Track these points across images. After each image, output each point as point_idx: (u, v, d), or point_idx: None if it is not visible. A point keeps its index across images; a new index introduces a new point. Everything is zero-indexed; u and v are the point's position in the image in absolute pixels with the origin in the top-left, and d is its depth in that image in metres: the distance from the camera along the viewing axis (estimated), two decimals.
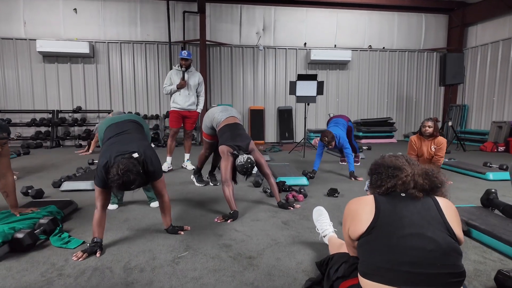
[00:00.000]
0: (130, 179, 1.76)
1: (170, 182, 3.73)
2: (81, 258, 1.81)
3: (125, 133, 2.16)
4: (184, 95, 4.48)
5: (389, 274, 1.00)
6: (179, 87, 4.42)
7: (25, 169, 4.69)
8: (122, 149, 1.94)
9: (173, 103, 4.54)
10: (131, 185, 1.80)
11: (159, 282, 1.58)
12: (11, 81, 7.69)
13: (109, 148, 2.00)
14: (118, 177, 1.74)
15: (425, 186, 1.13)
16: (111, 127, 2.26)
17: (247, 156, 2.61)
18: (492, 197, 2.53)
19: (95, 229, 1.93)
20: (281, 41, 8.69)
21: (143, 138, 2.22)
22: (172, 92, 4.49)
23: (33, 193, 3.05)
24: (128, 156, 1.87)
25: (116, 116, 2.46)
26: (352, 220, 1.16)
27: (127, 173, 1.75)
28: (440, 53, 8.69)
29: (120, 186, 1.77)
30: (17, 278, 1.62)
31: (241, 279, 1.61)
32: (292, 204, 2.79)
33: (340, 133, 4.12)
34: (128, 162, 1.81)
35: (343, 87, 9.03)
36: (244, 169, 2.57)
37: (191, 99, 4.53)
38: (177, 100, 4.50)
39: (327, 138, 3.95)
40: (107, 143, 2.08)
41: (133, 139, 2.10)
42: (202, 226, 2.35)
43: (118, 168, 1.76)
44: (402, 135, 9.30)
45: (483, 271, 1.69)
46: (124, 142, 2.04)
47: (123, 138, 2.09)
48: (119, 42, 8.01)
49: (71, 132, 7.95)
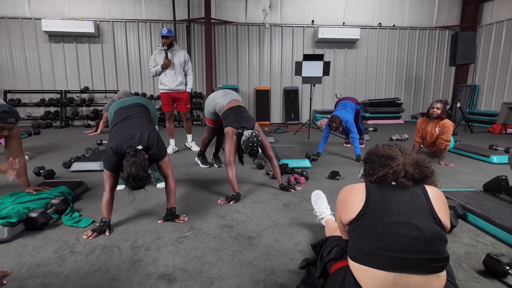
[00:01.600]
0: (143, 181, 1.91)
1: (175, 164, 3.83)
2: (91, 237, 1.93)
3: (131, 118, 2.26)
4: (170, 75, 4.29)
5: (375, 258, 1.06)
6: (163, 67, 4.22)
7: (36, 149, 4.83)
8: (129, 135, 2.06)
9: (160, 84, 4.37)
10: (143, 186, 1.94)
11: (164, 260, 1.68)
12: (19, 61, 7.75)
13: (116, 133, 2.11)
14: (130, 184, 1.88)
15: (415, 175, 1.16)
16: (119, 111, 2.37)
17: (251, 131, 2.64)
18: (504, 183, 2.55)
19: (103, 210, 2.05)
20: (288, 19, 8.48)
21: (148, 123, 2.29)
22: (157, 73, 4.30)
23: (44, 173, 3.18)
24: (132, 153, 1.95)
25: (124, 99, 2.54)
26: (344, 207, 1.21)
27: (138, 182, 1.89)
28: (452, 31, 8.40)
29: (134, 188, 1.92)
30: (33, 254, 1.74)
31: (240, 258, 1.71)
32: (293, 187, 2.86)
33: (347, 116, 4.11)
34: (137, 163, 1.89)
35: (351, 67, 8.86)
36: (250, 143, 2.58)
37: (179, 79, 4.33)
38: (164, 81, 4.32)
39: (335, 123, 3.94)
40: (114, 129, 2.20)
41: (138, 124, 2.20)
42: (206, 207, 2.44)
43: (130, 172, 1.86)
44: (409, 116, 9.19)
45: (474, 254, 1.75)
46: (130, 127, 2.15)
47: (129, 124, 2.20)
48: (123, 21, 7.93)
49: (79, 112, 8.08)
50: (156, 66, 4.29)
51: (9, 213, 1.93)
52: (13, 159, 2.35)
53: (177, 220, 2.18)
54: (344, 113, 4.14)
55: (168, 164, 2.24)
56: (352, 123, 4.11)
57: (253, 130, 2.72)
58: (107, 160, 2.05)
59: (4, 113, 2.16)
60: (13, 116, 2.22)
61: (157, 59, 4.29)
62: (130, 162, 1.90)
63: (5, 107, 2.19)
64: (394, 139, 5.67)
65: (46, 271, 1.58)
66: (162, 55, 4.28)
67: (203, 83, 8.37)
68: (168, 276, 1.54)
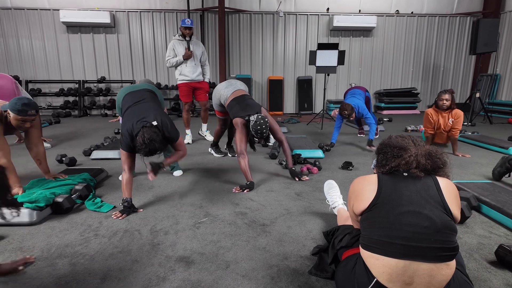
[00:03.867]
0: (155, 147, 2.06)
1: (191, 153, 3.92)
2: (120, 217, 2.09)
3: (141, 102, 2.38)
4: (191, 66, 4.31)
5: (385, 246, 1.10)
6: (185, 58, 4.24)
7: (57, 137, 5.02)
8: (142, 116, 2.19)
9: (180, 75, 4.36)
10: (156, 152, 2.09)
11: (182, 244, 1.77)
12: (39, 51, 7.96)
13: (130, 116, 2.25)
14: (145, 146, 2.03)
15: (427, 166, 1.18)
16: (129, 95, 2.47)
17: (257, 114, 2.67)
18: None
19: (124, 189, 2.19)
20: (302, 7, 8.34)
21: (158, 107, 2.43)
22: (177, 64, 4.30)
23: (67, 160, 3.32)
24: (149, 125, 2.12)
25: (132, 85, 2.64)
26: (356, 197, 1.25)
27: (152, 142, 2.03)
28: (474, 18, 8.08)
29: (146, 153, 2.07)
30: (60, 236, 1.86)
31: (254, 243, 1.77)
32: (300, 177, 2.87)
33: (358, 102, 4.07)
34: (151, 131, 2.06)
35: (367, 56, 8.68)
36: (258, 126, 2.61)
37: (198, 69, 4.39)
38: (184, 72, 4.33)
39: (346, 111, 3.92)
40: (127, 112, 2.33)
41: (150, 107, 2.33)
42: (220, 195, 2.52)
43: (143, 137, 2.02)
44: (426, 106, 8.98)
45: (487, 245, 1.76)
46: (142, 110, 2.28)
47: (141, 107, 2.33)
48: (138, 11, 7.99)
49: (97, 101, 8.28)
50: (175, 56, 4.28)
51: (38, 198, 2.06)
52: (33, 148, 2.48)
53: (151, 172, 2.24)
54: (354, 100, 4.10)
55: (182, 144, 2.39)
56: (364, 107, 4.07)
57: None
58: (124, 141, 2.19)
59: (24, 105, 2.23)
60: (33, 108, 2.30)
61: (177, 49, 4.27)
62: (144, 130, 2.06)
63: (25, 100, 2.27)
64: (409, 129, 5.59)
65: (73, 251, 1.70)
66: (181, 46, 4.27)
67: (217, 73, 8.40)
68: (186, 259, 1.62)
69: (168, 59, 4.31)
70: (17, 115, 2.24)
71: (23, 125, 2.31)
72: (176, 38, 4.31)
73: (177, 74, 4.40)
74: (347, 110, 3.92)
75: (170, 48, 4.30)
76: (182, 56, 4.23)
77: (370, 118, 4.05)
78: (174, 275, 1.49)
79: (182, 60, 4.26)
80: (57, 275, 1.49)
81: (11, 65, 7.93)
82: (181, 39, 4.29)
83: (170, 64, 4.31)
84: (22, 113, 2.24)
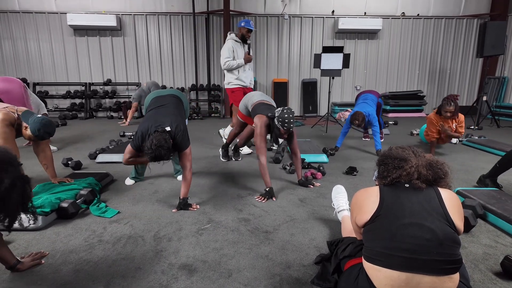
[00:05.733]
0: (161, 154, 2.10)
1: (196, 157, 3.92)
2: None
3: (164, 107, 2.46)
4: (247, 71, 4.10)
5: (388, 258, 1.10)
6: (247, 62, 4.03)
7: (64, 140, 5.08)
8: (159, 120, 2.27)
9: (237, 80, 4.05)
10: (161, 158, 2.13)
11: (185, 251, 1.77)
12: (46, 54, 8.06)
13: (149, 118, 2.35)
14: (151, 151, 2.07)
15: (429, 177, 1.18)
16: (154, 99, 2.59)
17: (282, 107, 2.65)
18: None
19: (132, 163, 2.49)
20: (307, 9, 8.34)
21: (179, 114, 2.48)
22: (237, 67, 3.99)
23: (72, 164, 3.36)
24: (161, 129, 2.18)
25: (162, 90, 2.73)
26: (358, 209, 1.25)
27: (159, 149, 2.07)
28: (481, 20, 8.01)
29: (152, 158, 2.11)
30: (65, 242, 1.88)
31: (257, 251, 1.77)
32: (312, 182, 2.86)
33: (369, 110, 4.03)
34: (161, 137, 2.10)
35: (372, 58, 8.65)
36: (285, 115, 2.56)
37: (251, 75, 4.19)
38: (242, 77, 4.05)
39: (358, 121, 3.90)
40: (148, 113, 2.43)
41: (170, 113, 2.40)
42: (224, 200, 2.52)
43: (152, 142, 2.07)
44: (432, 109, 8.90)
45: (492, 255, 1.74)
46: (162, 115, 2.36)
47: (161, 111, 2.41)
48: (144, 14, 8.05)
49: (103, 104, 8.35)
50: (234, 59, 4.00)
51: (43, 203, 2.08)
52: (40, 153, 2.53)
53: (190, 208, 2.35)
54: (366, 107, 4.07)
55: (188, 156, 2.38)
56: (374, 116, 4.04)
57: None
58: (135, 140, 2.29)
59: (46, 134, 2.36)
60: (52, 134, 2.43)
61: (238, 52, 4.00)
62: (155, 135, 2.11)
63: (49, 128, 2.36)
64: (415, 133, 5.54)
65: (78, 258, 1.71)
66: (241, 49, 4.04)
67: (221, 76, 8.43)
68: (189, 266, 1.63)
69: (227, 61, 3.96)
70: (35, 137, 2.36)
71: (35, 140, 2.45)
72: (234, 38, 4.02)
73: (232, 78, 4.08)
74: (359, 120, 3.89)
75: (229, 49, 3.96)
76: (243, 60, 4.00)
77: (376, 127, 4.01)
78: (176, 283, 1.49)
79: (243, 64, 4.02)
80: (61, 282, 1.50)
81: (19, 68, 8.05)
82: (238, 41, 4.03)
83: (229, 66, 3.98)
84: (40, 138, 2.38)
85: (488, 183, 2.70)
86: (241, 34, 4.02)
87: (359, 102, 4.32)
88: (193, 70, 8.37)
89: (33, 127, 2.31)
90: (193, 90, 8.36)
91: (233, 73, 4.05)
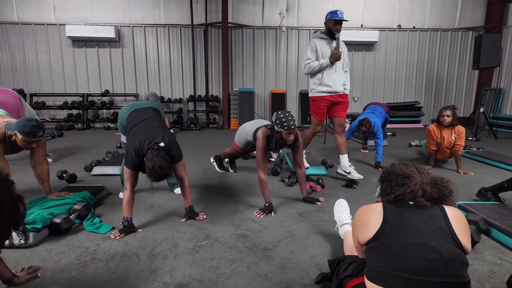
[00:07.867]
0: (165, 173, 2.05)
1: (192, 169, 3.87)
2: (118, 237, 2.06)
3: (148, 120, 2.37)
4: (334, 72, 3.25)
5: (390, 279, 1.05)
6: (335, 59, 3.18)
7: (59, 151, 5.01)
8: (150, 136, 2.18)
9: (320, 85, 3.27)
10: (164, 178, 2.08)
11: (181, 270, 1.71)
12: (44, 65, 8.06)
13: (137, 134, 2.23)
14: (155, 173, 2.01)
15: (433, 194, 1.14)
16: (135, 112, 2.45)
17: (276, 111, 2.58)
18: None
19: (125, 208, 2.16)
20: (305, 21, 8.44)
21: (164, 125, 2.43)
22: (321, 68, 3.22)
23: (67, 177, 3.30)
24: (157, 147, 2.09)
25: (137, 102, 2.64)
26: (361, 227, 1.20)
27: (162, 170, 2.02)
28: (476, 33, 8.12)
29: (156, 180, 2.05)
30: (56, 260, 1.81)
31: (256, 270, 1.71)
32: (318, 199, 2.73)
33: (375, 120, 4.01)
34: (160, 157, 2.04)
35: (369, 70, 8.71)
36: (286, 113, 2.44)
37: (343, 78, 3.31)
38: (326, 81, 3.23)
39: (364, 127, 3.90)
40: (134, 129, 2.30)
41: (157, 126, 2.33)
42: (221, 215, 2.46)
43: (153, 163, 2.00)
44: (429, 120, 8.94)
45: (498, 273, 1.69)
46: (150, 129, 2.27)
47: (148, 125, 2.31)
48: (143, 25, 8.11)
49: (100, 115, 8.32)
50: (317, 59, 3.25)
51: (35, 219, 2.02)
52: (37, 166, 2.47)
53: (197, 218, 2.35)
54: (372, 117, 4.07)
55: (184, 166, 2.37)
56: (379, 127, 4.02)
57: None
58: (129, 159, 2.17)
59: (34, 127, 2.27)
60: (41, 129, 2.33)
61: (322, 49, 3.23)
62: (154, 154, 2.04)
63: (34, 122, 2.29)
64: (413, 145, 5.53)
65: (69, 277, 1.64)
66: (327, 45, 3.25)
67: (220, 86, 8.45)
68: (184, 286, 1.56)
69: (308, 63, 3.26)
70: (26, 137, 2.27)
71: (30, 145, 2.35)
72: (318, 36, 3.31)
73: (314, 85, 3.33)
74: (365, 127, 3.89)
75: (312, 49, 3.26)
76: (329, 58, 3.19)
77: (380, 139, 3.98)
78: None
79: (329, 63, 3.20)
80: None
81: (17, 79, 8.03)
82: (324, 37, 3.26)
83: (309, 69, 3.27)
84: (31, 135, 2.28)
85: (490, 197, 2.66)
86: (327, 29, 3.23)
87: (367, 112, 4.32)
88: (191, 81, 8.39)
89: (18, 127, 2.25)
90: (191, 101, 8.36)
91: (316, 77, 3.30)
